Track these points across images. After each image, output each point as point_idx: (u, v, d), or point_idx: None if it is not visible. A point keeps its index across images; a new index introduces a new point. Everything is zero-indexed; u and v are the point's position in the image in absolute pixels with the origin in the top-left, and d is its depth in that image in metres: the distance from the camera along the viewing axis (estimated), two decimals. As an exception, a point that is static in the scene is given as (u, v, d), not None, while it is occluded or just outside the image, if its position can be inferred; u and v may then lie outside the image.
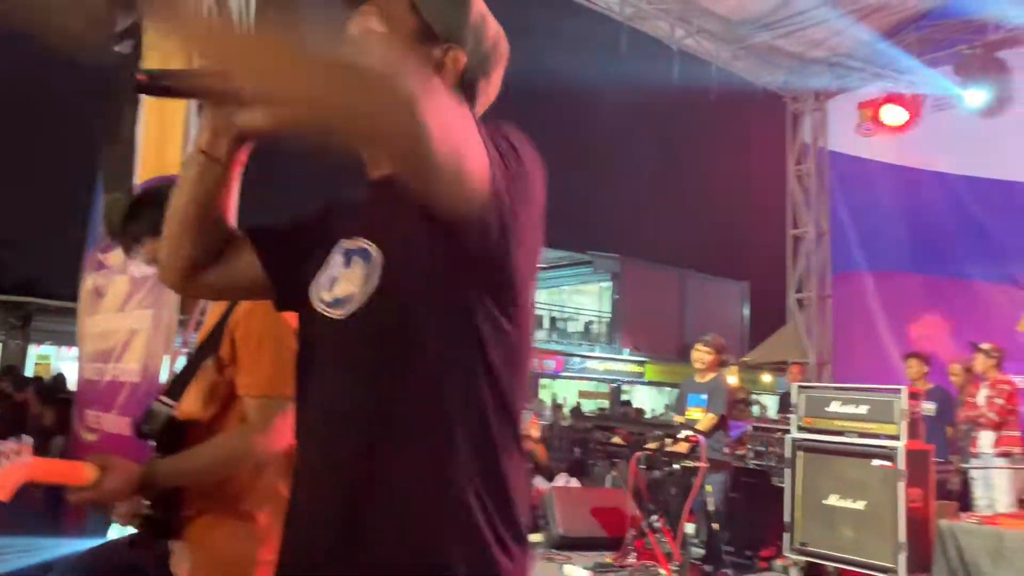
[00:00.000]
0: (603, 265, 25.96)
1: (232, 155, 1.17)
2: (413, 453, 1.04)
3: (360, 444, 1.06)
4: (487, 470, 1.06)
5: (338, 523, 1.04)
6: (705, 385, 6.15)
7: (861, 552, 5.56)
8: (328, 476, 1.08)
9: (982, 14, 8.01)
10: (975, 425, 6.61)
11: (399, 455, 1.04)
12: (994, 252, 8.12)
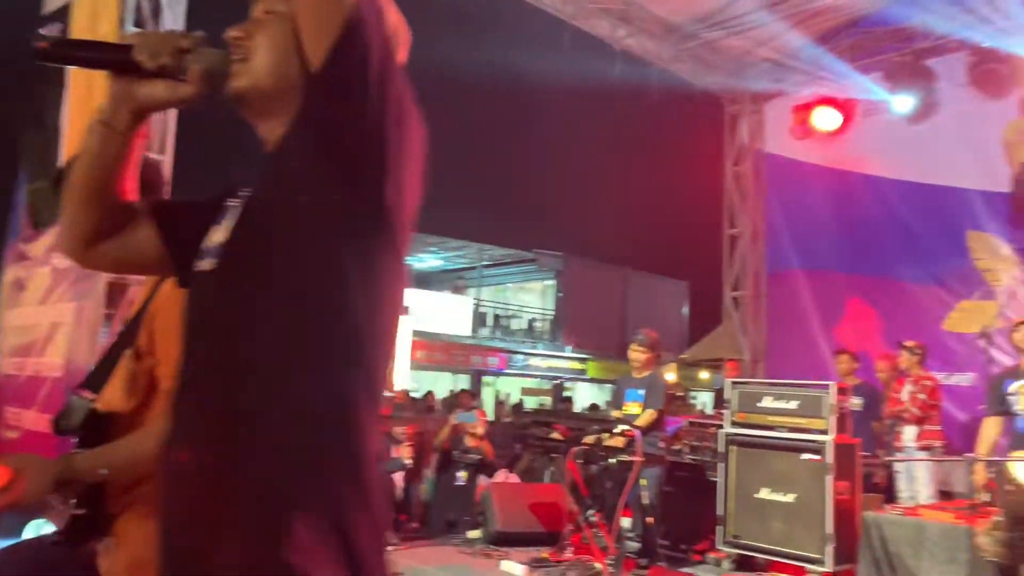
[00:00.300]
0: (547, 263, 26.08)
1: (131, 127, 1.18)
2: (267, 421, 1.00)
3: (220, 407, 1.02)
4: (348, 455, 1.02)
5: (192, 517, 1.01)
6: (642, 380, 6.23)
7: (790, 544, 5.70)
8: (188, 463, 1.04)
9: (911, 23, 8.28)
10: (899, 420, 6.83)
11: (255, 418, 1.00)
12: (921, 254, 8.41)
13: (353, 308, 1.03)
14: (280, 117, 1.11)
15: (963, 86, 8.01)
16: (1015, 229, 7.91)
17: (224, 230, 1.14)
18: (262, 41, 1.14)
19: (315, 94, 1.04)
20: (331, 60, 1.01)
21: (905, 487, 6.72)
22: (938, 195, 8.44)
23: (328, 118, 1.02)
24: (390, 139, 1.03)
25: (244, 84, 1.14)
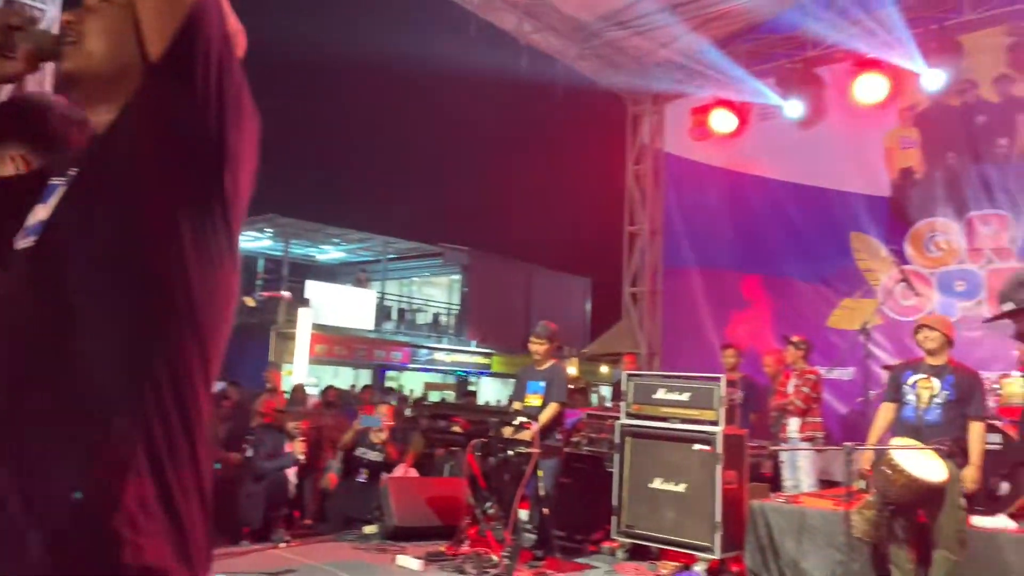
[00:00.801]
0: (453, 258, 25.98)
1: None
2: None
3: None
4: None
5: None
6: (543, 373, 6.26)
7: (681, 532, 5.85)
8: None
9: (803, 31, 8.65)
10: (785, 412, 7.12)
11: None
12: (808, 254, 8.80)
13: (184, 284, 1.03)
14: (112, 103, 1.12)
15: (848, 94, 8.41)
16: (893, 232, 8.38)
17: (48, 208, 1.11)
18: (95, 26, 1.17)
19: (154, 82, 1.06)
20: (172, 50, 1.03)
21: (789, 476, 7.01)
22: (825, 198, 8.85)
23: (166, 106, 1.03)
24: (228, 130, 1.06)
25: (73, 67, 1.17)
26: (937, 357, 4.86)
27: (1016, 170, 7.66)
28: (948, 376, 4.75)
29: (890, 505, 4.63)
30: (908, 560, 4.71)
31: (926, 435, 4.65)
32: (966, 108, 8.00)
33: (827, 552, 5.36)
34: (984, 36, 7.72)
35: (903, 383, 4.92)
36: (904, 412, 4.87)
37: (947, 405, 4.70)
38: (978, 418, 4.70)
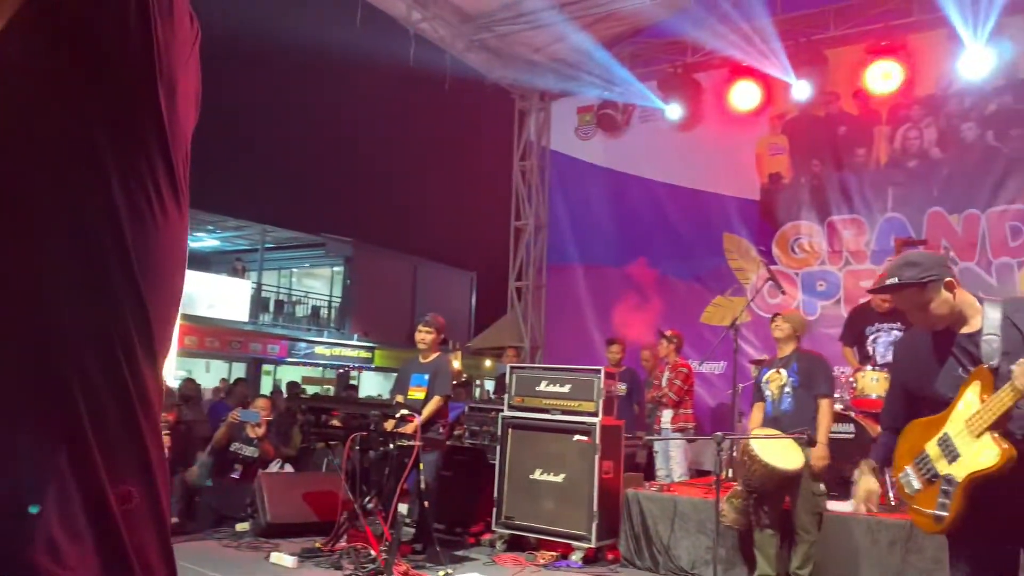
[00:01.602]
0: (336, 248, 25.42)
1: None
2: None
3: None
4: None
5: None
6: (428, 365, 6.21)
7: (560, 522, 5.95)
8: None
9: (684, 37, 8.95)
10: (659, 404, 7.37)
11: None
12: (684, 252, 9.14)
13: (115, 239, 0.83)
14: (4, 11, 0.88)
15: (724, 100, 8.78)
16: (761, 234, 8.82)
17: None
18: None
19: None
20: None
21: (662, 466, 7.27)
22: (700, 199, 9.21)
23: (77, 9, 0.80)
24: (156, 30, 0.83)
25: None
26: (785, 348, 5.19)
27: (872, 178, 8.23)
28: (793, 364, 5.08)
29: (753, 493, 4.87)
30: (771, 544, 4.97)
31: (784, 424, 4.93)
32: (830, 118, 8.52)
33: (697, 538, 5.59)
34: (846, 52, 8.25)
35: (761, 382, 5.25)
36: (766, 408, 5.17)
37: (796, 392, 5.01)
38: (823, 396, 5.01)
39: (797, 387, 5.02)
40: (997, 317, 2.53)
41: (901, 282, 2.55)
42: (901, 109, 8.11)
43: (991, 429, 2.40)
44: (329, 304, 26.04)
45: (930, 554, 4.74)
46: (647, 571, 5.65)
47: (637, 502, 5.88)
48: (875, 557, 4.89)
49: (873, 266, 8.10)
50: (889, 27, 7.90)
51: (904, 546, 4.83)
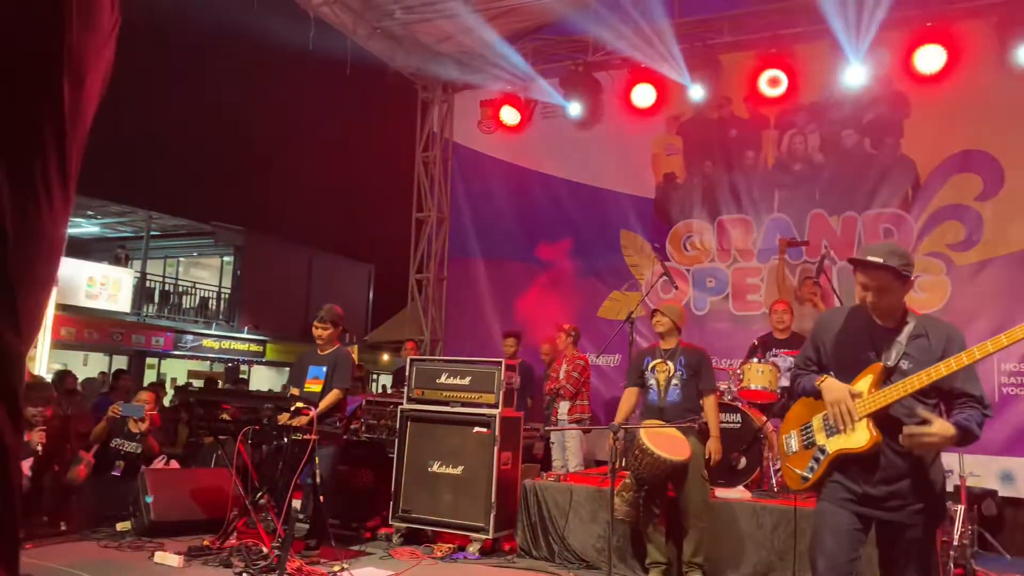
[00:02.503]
0: (226, 237, 24.49)
1: None
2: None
3: None
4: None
5: None
6: (326, 357, 6.07)
7: (458, 514, 5.96)
8: None
9: (586, 36, 9.09)
10: (557, 396, 7.49)
11: None
12: (584, 249, 9.28)
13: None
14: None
15: (623, 99, 8.98)
16: (656, 231, 9.07)
17: None
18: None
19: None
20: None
21: (558, 456, 7.38)
22: (599, 197, 9.38)
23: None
24: (72, 28, 0.77)
25: None
26: (668, 340, 5.37)
27: (760, 180, 8.60)
28: (680, 357, 5.25)
29: (644, 485, 5.00)
30: (661, 533, 5.13)
31: (669, 415, 5.09)
32: (722, 121, 8.85)
33: (591, 527, 5.71)
34: (739, 58, 8.59)
35: (644, 369, 5.37)
36: (648, 396, 5.30)
37: (683, 384, 5.19)
38: (709, 391, 5.23)
39: (686, 379, 5.19)
40: (912, 326, 2.81)
41: (886, 264, 2.77)
42: (788, 115, 8.52)
43: (869, 417, 2.71)
44: (218, 295, 25.06)
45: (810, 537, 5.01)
46: (543, 560, 5.73)
47: (534, 492, 5.95)
48: (760, 540, 5.13)
49: (759, 264, 8.48)
50: (778, 36, 8.27)
51: (786, 529, 5.08)
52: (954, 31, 7.51)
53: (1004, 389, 7.26)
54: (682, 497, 5.09)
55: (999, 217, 7.50)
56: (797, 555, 4.99)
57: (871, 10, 7.41)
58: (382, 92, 10.61)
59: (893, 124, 8.04)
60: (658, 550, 5.11)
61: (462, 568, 5.58)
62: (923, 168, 7.86)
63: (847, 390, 2.78)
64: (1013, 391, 7.27)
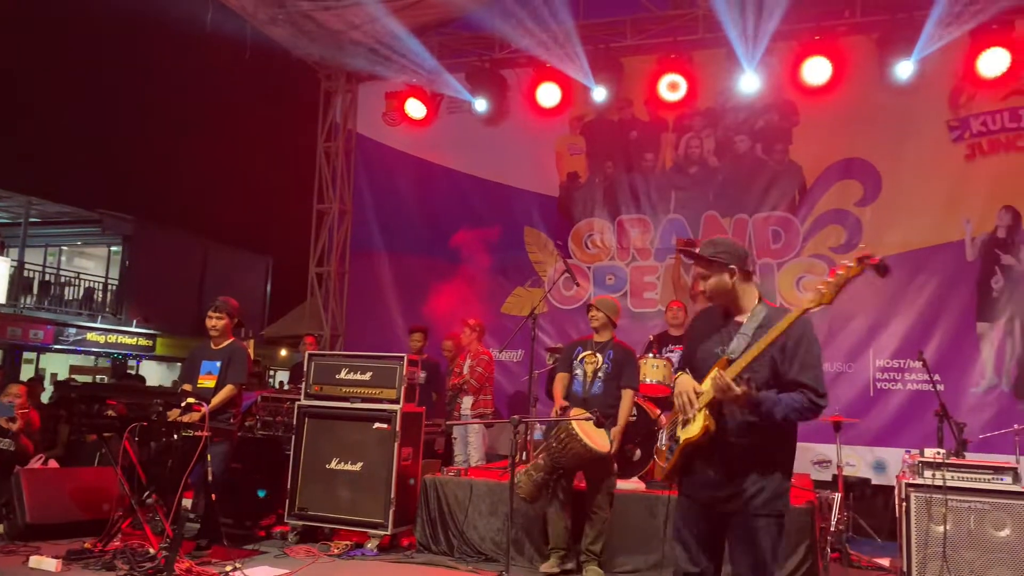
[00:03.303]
0: (114, 226, 23.29)
1: None
2: None
3: None
4: None
5: None
6: (220, 352, 5.86)
7: (356, 511, 5.89)
8: None
9: (492, 33, 9.12)
10: (460, 392, 7.50)
11: None
12: (488, 245, 9.31)
13: None
14: None
15: (529, 98, 9.06)
16: (559, 229, 9.21)
17: None
18: None
19: None
20: None
21: (460, 451, 7.40)
22: (504, 193, 9.44)
23: None
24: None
25: None
26: (602, 334, 5.46)
27: (658, 181, 8.86)
28: (609, 351, 5.36)
29: (559, 469, 5.07)
30: (564, 520, 5.20)
31: (591, 406, 5.13)
32: (623, 123, 9.07)
33: (490, 521, 5.75)
34: (640, 61, 8.81)
35: (574, 358, 5.44)
36: (574, 385, 5.38)
37: (607, 378, 5.29)
38: (628, 387, 5.35)
39: (610, 373, 5.29)
40: (760, 318, 2.92)
41: (695, 251, 3.00)
42: (685, 119, 8.81)
43: (706, 407, 2.85)
44: (105, 287, 23.80)
45: (698, 525, 5.21)
46: (443, 555, 5.73)
47: (435, 488, 5.95)
48: (652, 530, 5.29)
49: (656, 263, 8.75)
50: (678, 42, 8.54)
51: (677, 519, 5.26)
52: (840, 45, 7.94)
53: (878, 384, 7.75)
54: (592, 487, 5.17)
55: (877, 221, 7.99)
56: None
57: (763, 21, 7.76)
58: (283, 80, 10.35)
59: (783, 131, 8.44)
60: (559, 536, 5.20)
61: (359, 565, 5.52)
62: (809, 174, 8.29)
63: (692, 383, 2.91)
64: (886, 386, 7.77)
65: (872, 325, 7.89)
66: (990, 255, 7.62)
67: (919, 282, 7.78)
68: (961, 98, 7.84)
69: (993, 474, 4.71)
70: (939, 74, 7.80)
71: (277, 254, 27.47)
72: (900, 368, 7.75)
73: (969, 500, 4.66)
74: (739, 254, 3.01)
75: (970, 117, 7.79)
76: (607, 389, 5.29)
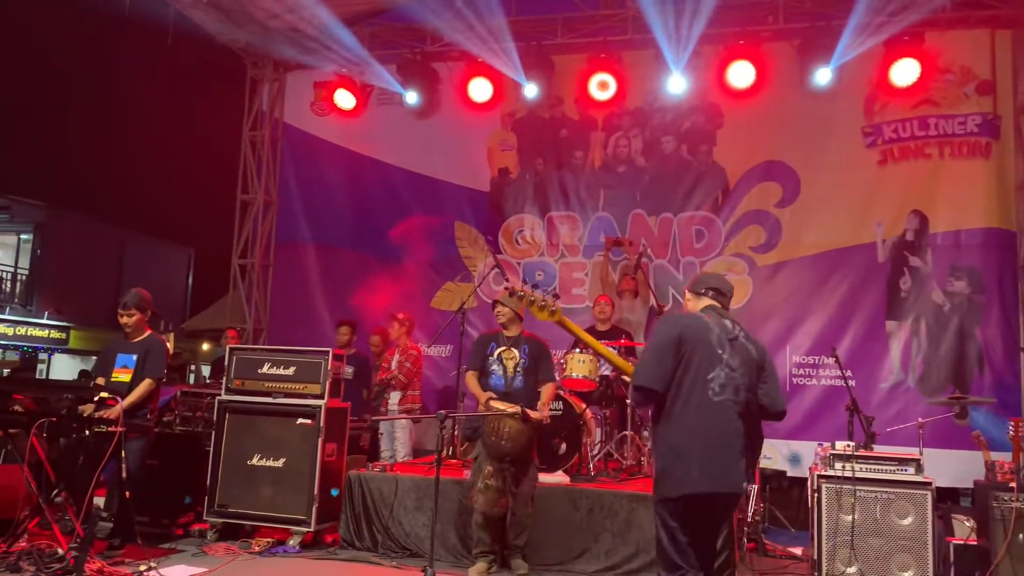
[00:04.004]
0: (24, 213, 22.24)
1: None
2: None
3: None
4: None
5: None
6: (137, 345, 5.65)
7: (278, 508, 5.79)
8: None
9: (424, 25, 9.05)
10: (388, 387, 7.44)
11: None
12: (418, 239, 9.25)
13: None
14: None
15: (461, 92, 9.03)
16: (490, 224, 9.23)
17: None
18: None
19: None
20: None
21: (386, 447, 7.35)
22: (435, 187, 9.39)
23: None
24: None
25: None
26: (511, 329, 5.46)
27: (587, 179, 8.97)
28: (524, 346, 5.38)
29: (507, 458, 4.99)
30: (496, 513, 5.11)
31: (514, 400, 5.15)
32: (554, 121, 9.14)
33: (415, 516, 5.74)
34: (571, 59, 8.89)
35: (488, 354, 5.42)
36: (492, 381, 5.35)
37: (526, 372, 5.33)
38: (548, 380, 5.38)
39: (528, 367, 5.31)
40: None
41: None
42: (614, 118, 8.93)
43: None
44: (14, 276, 22.70)
45: (622, 517, 5.31)
46: (367, 551, 5.69)
47: (359, 483, 5.89)
48: (576, 523, 5.36)
49: (584, 259, 8.86)
50: (608, 41, 8.64)
51: (601, 512, 5.36)
52: (763, 51, 8.18)
53: (794, 379, 8.03)
54: (518, 483, 5.12)
55: (795, 223, 8.28)
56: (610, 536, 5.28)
57: (690, 24, 7.92)
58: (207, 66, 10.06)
59: (707, 133, 8.65)
60: (491, 537, 5.17)
61: (280, 562, 5.43)
62: (732, 175, 8.52)
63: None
64: (802, 381, 8.06)
65: (790, 323, 8.18)
66: (899, 257, 7.99)
67: (834, 282, 8.10)
68: (875, 105, 8.18)
69: (898, 465, 4.94)
70: (855, 82, 8.12)
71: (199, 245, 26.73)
72: (815, 364, 8.06)
73: (876, 490, 4.88)
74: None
75: (883, 124, 8.14)
76: (528, 383, 5.31)
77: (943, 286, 7.85)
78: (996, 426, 7.17)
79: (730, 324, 3.44)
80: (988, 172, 7.86)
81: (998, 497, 4.90)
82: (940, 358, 7.77)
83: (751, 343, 3.47)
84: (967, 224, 7.86)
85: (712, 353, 3.31)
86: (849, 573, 4.77)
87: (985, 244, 7.80)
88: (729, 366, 3.32)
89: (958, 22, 7.97)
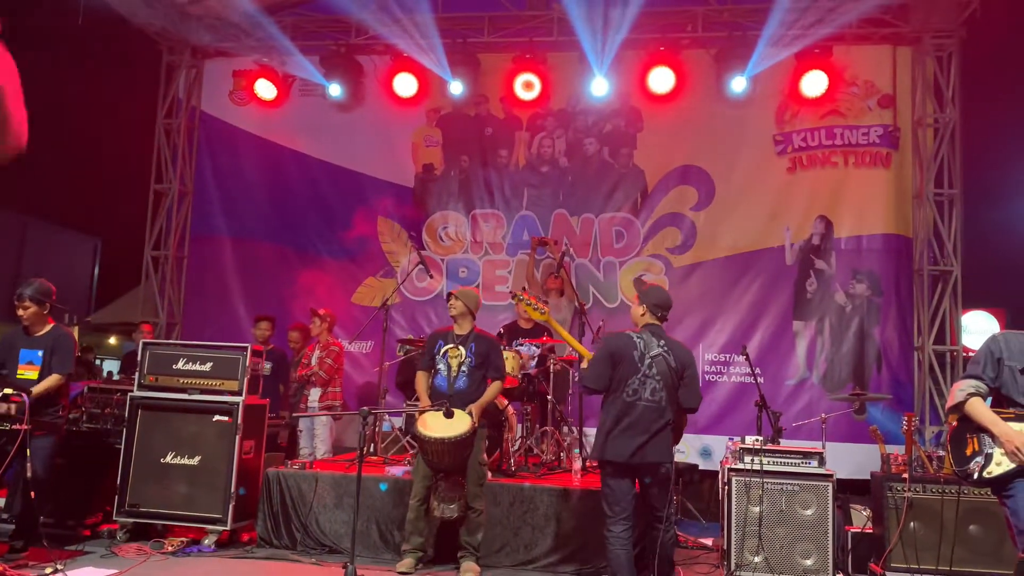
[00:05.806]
0: (-88, 197, 20.83)
1: None
2: None
3: None
4: None
5: None
6: (41, 339, 5.40)
7: (193, 507, 5.67)
8: None
9: (349, 17, 8.93)
10: (307, 383, 7.35)
11: None
12: (339, 232, 9.16)
13: None
14: None
15: (385, 86, 8.97)
16: (414, 220, 9.20)
17: None
18: None
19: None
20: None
21: (306, 444, 7.26)
22: (357, 181, 9.30)
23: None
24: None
25: None
26: (462, 325, 5.40)
27: (512, 178, 9.05)
28: (471, 344, 5.32)
29: (440, 472, 5.01)
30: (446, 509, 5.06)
31: (456, 401, 5.07)
32: (479, 118, 9.18)
33: (335, 513, 5.71)
34: (497, 58, 8.95)
35: (436, 353, 5.37)
36: (436, 380, 5.29)
37: (471, 370, 5.23)
38: (495, 378, 5.32)
39: (474, 366, 5.24)
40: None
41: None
42: (539, 119, 9.05)
43: None
44: (-101, 264, 21.26)
45: (542, 511, 5.42)
46: (285, 549, 5.63)
47: (278, 481, 5.82)
48: (496, 517, 5.44)
49: (508, 257, 8.94)
50: (534, 42, 8.74)
51: (521, 507, 5.45)
52: (682, 57, 8.43)
53: (707, 376, 8.32)
54: (467, 481, 5.09)
55: (709, 225, 8.58)
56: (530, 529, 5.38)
57: (613, 29, 8.10)
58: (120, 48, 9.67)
59: (628, 136, 8.86)
60: (423, 537, 5.18)
61: (194, 562, 5.32)
62: (651, 178, 8.76)
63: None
64: (714, 378, 8.36)
65: (703, 322, 8.47)
66: (806, 260, 8.38)
67: (744, 283, 8.44)
68: (786, 114, 8.55)
69: (802, 459, 5.21)
70: (768, 91, 8.47)
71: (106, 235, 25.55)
72: (726, 362, 8.37)
73: (782, 482, 5.14)
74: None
75: (793, 133, 8.52)
76: (471, 381, 5.21)
77: (845, 288, 8.28)
78: (892, 421, 7.64)
79: (655, 342, 4.45)
80: (888, 181, 8.33)
81: (892, 488, 5.24)
82: (842, 357, 8.19)
83: (671, 355, 4.44)
84: (868, 230, 8.31)
85: (633, 365, 4.38)
86: (756, 562, 5.01)
87: (884, 249, 8.26)
88: (646, 375, 4.36)
89: (863, 38, 8.41)
